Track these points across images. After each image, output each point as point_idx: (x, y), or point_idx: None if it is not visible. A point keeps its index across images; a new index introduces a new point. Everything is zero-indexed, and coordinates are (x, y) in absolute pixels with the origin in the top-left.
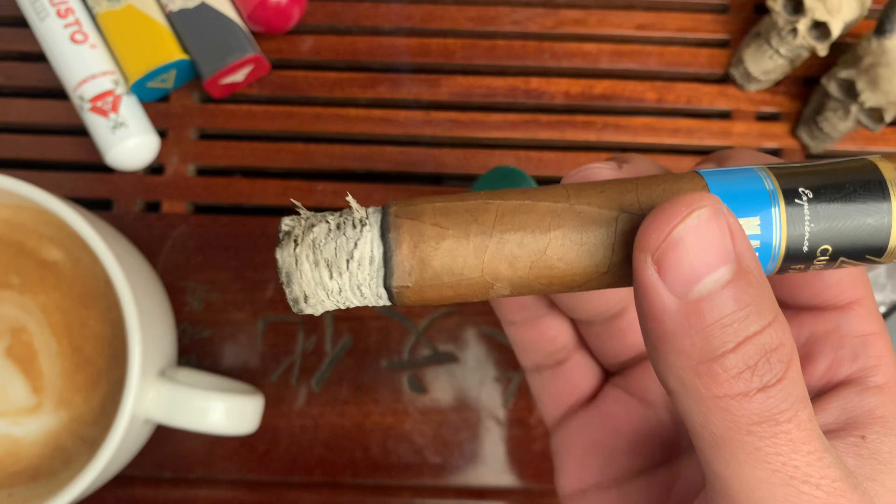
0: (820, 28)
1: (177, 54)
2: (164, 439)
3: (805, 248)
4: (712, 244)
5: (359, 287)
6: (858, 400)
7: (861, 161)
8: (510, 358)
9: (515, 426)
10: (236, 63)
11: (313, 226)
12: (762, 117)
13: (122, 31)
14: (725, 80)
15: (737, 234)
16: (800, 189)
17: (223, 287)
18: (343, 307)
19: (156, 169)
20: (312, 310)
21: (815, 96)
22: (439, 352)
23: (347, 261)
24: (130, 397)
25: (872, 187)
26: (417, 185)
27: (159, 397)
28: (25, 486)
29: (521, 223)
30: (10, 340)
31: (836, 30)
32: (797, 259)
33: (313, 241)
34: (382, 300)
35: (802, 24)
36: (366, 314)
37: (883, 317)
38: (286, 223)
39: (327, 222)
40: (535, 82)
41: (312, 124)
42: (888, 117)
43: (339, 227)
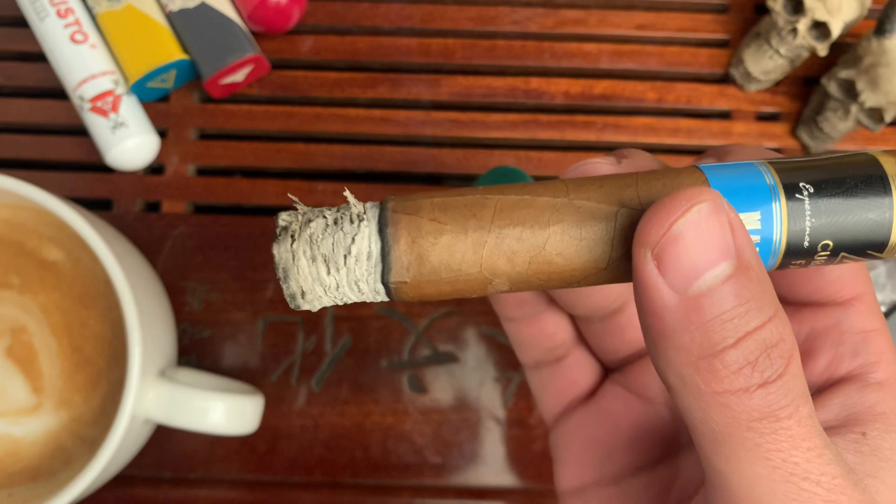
0: (820, 28)
1: (177, 54)
2: (164, 439)
3: (806, 243)
4: (712, 239)
5: (356, 283)
6: (859, 396)
7: (862, 156)
8: (510, 358)
9: (515, 426)
10: (236, 63)
11: (310, 221)
12: (762, 117)
13: (122, 31)
14: (725, 80)
15: (737, 229)
16: (800, 184)
17: (223, 287)
18: (341, 303)
19: (156, 169)
20: (310, 305)
21: (815, 96)
22: (439, 352)
23: (345, 256)
24: (130, 397)
25: (874, 182)
26: (417, 185)
27: (159, 397)
28: (25, 486)
29: (519, 218)
30: (10, 340)
31: (836, 30)
32: (798, 254)
33: (310, 236)
34: (380, 296)
35: (802, 24)
36: (366, 314)
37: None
38: (283, 218)
39: (324, 217)
40: (535, 82)
41: (312, 124)
42: (888, 117)
43: (336, 222)
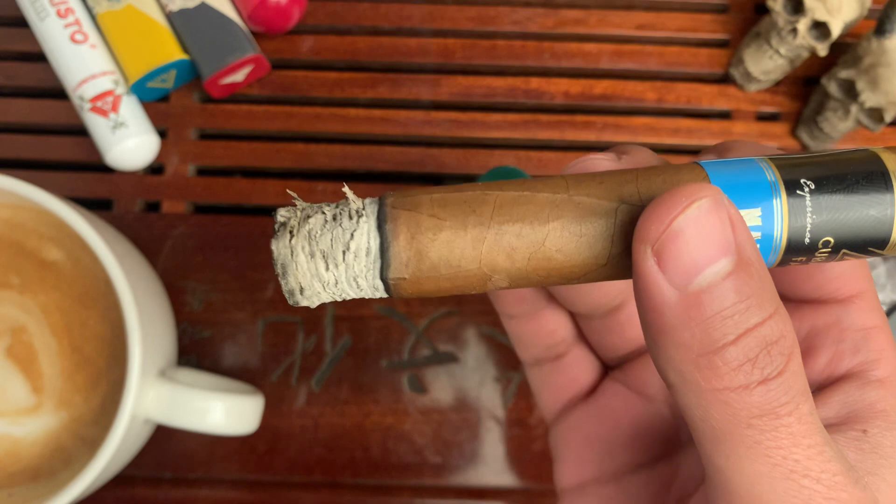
0: (820, 28)
1: (177, 54)
2: (164, 439)
3: (807, 239)
4: (713, 235)
5: (355, 279)
6: (860, 394)
7: (864, 152)
8: (510, 358)
9: (515, 426)
10: (236, 63)
11: (309, 217)
12: (762, 117)
13: (122, 31)
14: (725, 80)
15: (737, 226)
16: (801, 180)
17: (223, 287)
18: (339, 299)
19: (156, 169)
20: (308, 302)
21: (815, 96)
22: (439, 352)
23: (344, 252)
24: (130, 397)
25: (875, 178)
26: (417, 185)
27: (159, 397)
28: (25, 486)
29: (519, 214)
30: (10, 340)
31: (836, 30)
32: (799, 251)
33: (309, 232)
34: (379, 292)
35: (802, 24)
36: (366, 314)
37: None
38: (282, 214)
39: (323, 213)
40: (535, 82)
41: (312, 124)
42: (888, 117)
43: (335, 218)
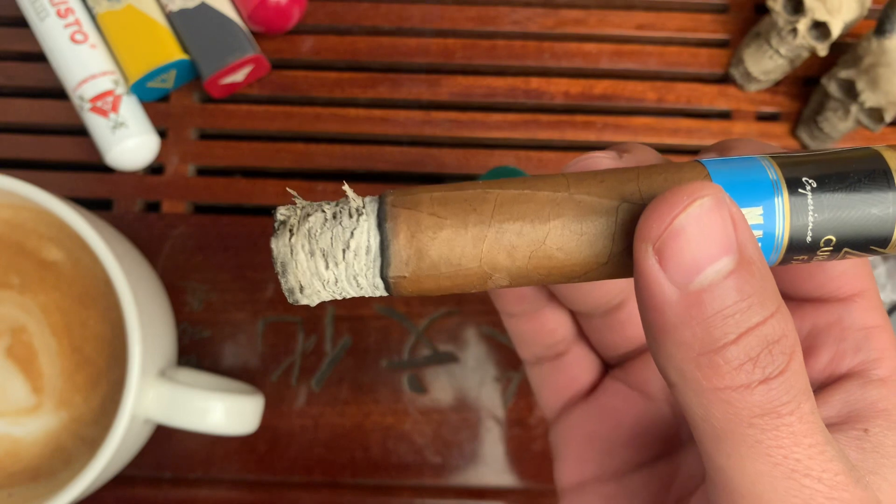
0: (820, 28)
1: (177, 54)
2: (164, 439)
3: (808, 238)
4: (714, 234)
5: (355, 277)
6: (861, 393)
7: (866, 150)
8: (510, 358)
9: (515, 426)
10: (236, 63)
11: (309, 215)
12: (762, 117)
13: (122, 31)
14: (725, 80)
15: (739, 224)
16: (803, 178)
17: (223, 287)
18: (339, 297)
19: (156, 169)
20: (308, 300)
21: (815, 96)
22: (439, 352)
23: (343, 251)
24: (130, 397)
25: (877, 177)
26: (417, 185)
27: (159, 397)
28: (25, 486)
29: (520, 213)
30: (10, 340)
31: (836, 30)
32: (800, 250)
33: (309, 230)
34: (379, 291)
35: (802, 24)
36: (366, 314)
37: None
38: (281, 212)
39: (323, 212)
40: (535, 82)
41: (312, 124)
42: (888, 117)
43: (335, 216)
